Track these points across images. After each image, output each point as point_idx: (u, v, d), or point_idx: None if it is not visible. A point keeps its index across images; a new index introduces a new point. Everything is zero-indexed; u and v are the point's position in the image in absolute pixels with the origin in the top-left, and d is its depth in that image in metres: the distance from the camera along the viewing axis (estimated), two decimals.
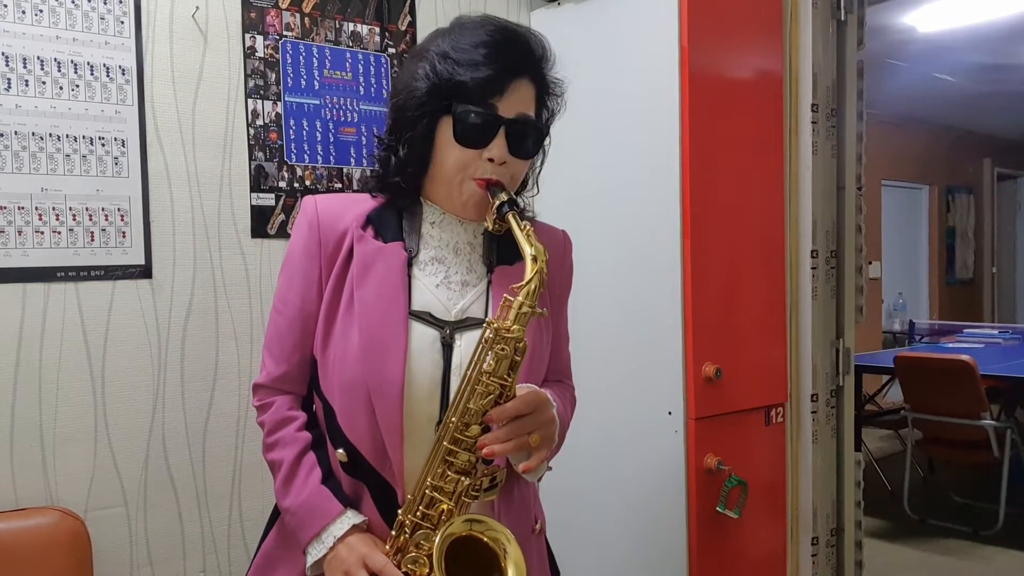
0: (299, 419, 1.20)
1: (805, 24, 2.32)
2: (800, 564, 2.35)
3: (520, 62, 1.17)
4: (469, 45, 1.14)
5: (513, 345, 1.07)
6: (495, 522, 1.10)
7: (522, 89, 1.17)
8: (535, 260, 1.08)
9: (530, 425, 1.10)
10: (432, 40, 1.20)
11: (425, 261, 1.21)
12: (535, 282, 1.08)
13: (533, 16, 2.44)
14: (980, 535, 4.17)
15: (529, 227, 1.11)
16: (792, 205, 2.32)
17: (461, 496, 1.08)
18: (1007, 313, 8.89)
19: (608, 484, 2.22)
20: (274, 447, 1.19)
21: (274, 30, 1.99)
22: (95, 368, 1.77)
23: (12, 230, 1.68)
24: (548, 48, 1.22)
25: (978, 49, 5.40)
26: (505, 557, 1.07)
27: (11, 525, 1.62)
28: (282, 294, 1.21)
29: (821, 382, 2.40)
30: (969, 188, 8.50)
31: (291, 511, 1.16)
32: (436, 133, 1.16)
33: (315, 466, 1.17)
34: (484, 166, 1.15)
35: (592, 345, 2.22)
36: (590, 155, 2.26)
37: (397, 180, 1.21)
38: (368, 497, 1.17)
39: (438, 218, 1.23)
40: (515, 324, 1.07)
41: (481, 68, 1.13)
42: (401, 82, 1.21)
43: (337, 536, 1.12)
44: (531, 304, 1.07)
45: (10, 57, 1.67)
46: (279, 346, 1.21)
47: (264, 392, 1.22)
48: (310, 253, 1.19)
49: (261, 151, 1.97)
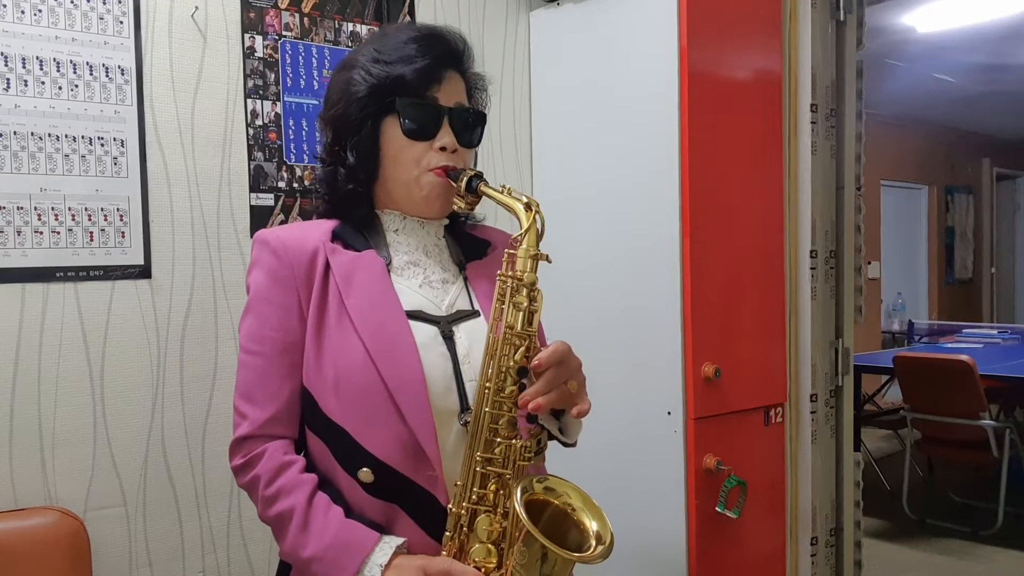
0: (298, 462, 1.11)
1: (804, 24, 2.32)
2: (799, 564, 2.35)
3: (448, 55, 1.19)
4: (398, 43, 1.16)
5: (528, 293, 1.07)
6: (562, 481, 1.07)
7: (455, 81, 1.19)
8: (528, 208, 1.10)
9: (565, 374, 1.08)
10: (357, 51, 1.22)
11: (400, 266, 1.19)
12: (534, 228, 1.09)
13: (532, 16, 2.44)
14: (979, 535, 4.18)
15: (508, 186, 1.14)
16: (791, 205, 2.32)
17: (515, 461, 1.05)
18: (1006, 313, 8.91)
19: (607, 484, 2.21)
20: (278, 498, 1.07)
21: (273, 30, 1.99)
22: (94, 368, 1.77)
23: (11, 230, 1.68)
24: (469, 44, 1.24)
25: (977, 49, 5.40)
26: (575, 512, 1.05)
27: (10, 525, 1.62)
28: (254, 334, 1.13)
29: (820, 382, 2.40)
30: (968, 188, 8.51)
31: (317, 558, 1.04)
32: (381, 134, 1.17)
33: (331, 505, 1.07)
34: (438, 156, 1.16)
35: (591, 345, 2.21)
36: (588, 155, 2.26)
37: (350, 188, 1.19)
38: (404, 516, 1.08)
39: (400, 224, 1.22)
40: (527, 272, 1.07)
41: (416, 60, 1.14)
42: (335, 93, 1.20)
43: (382, 564, 1.02)
44: (536, 249, 1.09)
45: (9, 57, 1.67)
46: (262, 389, 1.11)
47: (250, 444, 1.11)
48: (282, 281, 1.13)
49: (260, 151, 1.97)
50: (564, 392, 1.06)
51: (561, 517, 1.06)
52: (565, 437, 1.18)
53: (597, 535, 1.03)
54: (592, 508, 1.06)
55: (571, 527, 1.05)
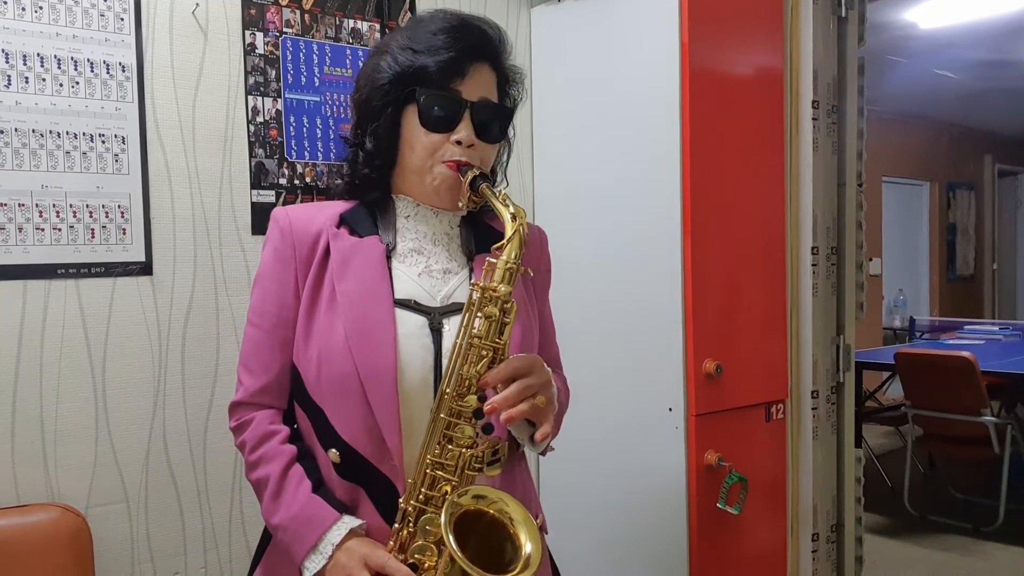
0: (282, 432, 1.17)
1: (806, 20, 2.32)
2: (800, 560, 2.36)
3: (478, 47, 1.18)
4: (428, 33, 1.16)
5: (500, 305, 1.06)
6: (497, 491, 1.06)
7: (483, 74, 1.18)
8: (514, 218, 1.09)
9: (534, 386, 1.07)
10: (391, 36, 1.23)
11: (404, 253, 1.20)
12: (516, 239, 1.08)
13: (534, 13, 2.43)
14: (980, 531, 4.18)
15: (504, 193, 1.13)
16: (793, 202, 2.32)
17: (464, 470, 1.05)
18: (1007, 309, 8.90)
19: (608, 480, 2.22)
20: (258, 464, 1.16)
21: (274, 27, 1.99)
22: (96, 365, 1.77)
23: (12, 227, 1.68)
24: (505, 36, 1.22)
25: (979, 45, 5.39)
26: (513, 524, 1.03)
27: (12, 521, 1.63)
28: (257, 307, 1.19)
29: (821, 378, 2.40)
30: (970, 184, 8.50)
31: (283, 526, 1.12)
32: (402, 122, 1.17)
33: (304, 477, 1.13)
34: (453, 149, 1.16)
35: (592, 341, 2.22)
36: (590, 151, 2.26)
37: (366, 173, 1.20)
38: (366, 499, 1.14)
39: (412, 211, 1.22)
40: (501, 284, 1.06)
41: (441, 52, 1.14)
42: (363, 78, 1.22)
43: (335, 543, 1.08)
44: (515, 262, 1.07)
45: (10, 54, 1.67)
46: (257, 359, 1.18)
47: (242, 410, 1.19)
48: (283, 259, 1.18)
49: (261, 148, 1.97)
50: (531, 404, 1.06)
51: (499, 528, 1.04)
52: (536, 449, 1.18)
53: (527, 559, 1.00)
54: (530, 528, 1.03)
55: (506, 540, 1.04)
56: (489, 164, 1.23)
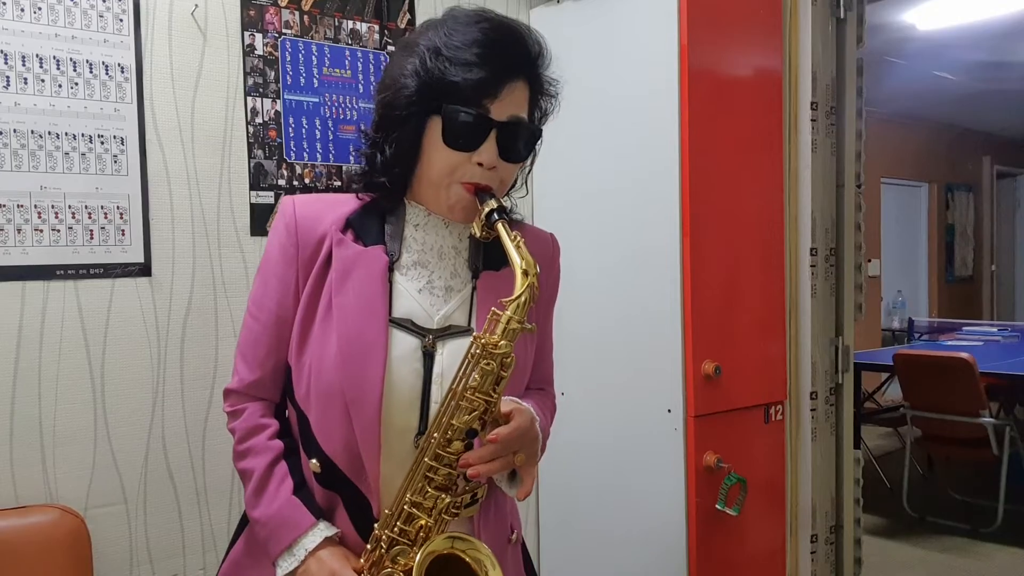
0: (271, 427, 1.17)
1: (804, 22, 2.32)
2: (799, 561, 2.36)
3: (516, 63, 1.11)
4: (463, 43, 1.08)
5: (500, 360, 1.04)
6: (479, 542, 1.08)
7: (516, 91, 1.12)
8: (526, 274, 1.04)
9: (516, 444, 1.06)
10: (423, 33, 1.14)
11: (407, 265, 1.16)
12: (525, 296, 1.04)
13: (533, 14, 2.43)
14: (979, 532, 4.18)
15: (519, 238, 1.07)
16: (791, 203, 2.32)
17: (441, 513, 1.06)
18: (1006, 311, 8.90)
19: (607, 481, 2.22)
20: (245, 456, 1.16)
21: (273, 28, 1.99)
22: (94, 366, 1.77)
23: (11, 228, 1.68)
24: (545, 46, 1.16)
25: (978, 47, 5.39)
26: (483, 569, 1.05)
27: (11, 523, 1.63)
28: (257, 297, 1.18)
29: (820, 380, 2.40)
30: (968, 186, 8.51)
31: (261, 522, 1.13)
32: (424, 133, 1.12)
33: (287, 476, 1.14)
34: (473, 170, 1.11)
35: (592, 343, 2.22)
36: (589, 154, 2.26)
37: (383, 180, 1.17)
38: (342, 509, 1.14)
39: (422, 220, 1.18)
40: (503, 339, 1.03)
41: (474, 69, 1.07)
42: (389, 76, 1.16)
43: (308, 549, 1.09)
44: (520, 319, 1.04)
45: (9, 55, 1.67)
46: (253, 352, 1.17)
47: (236, 398, 1.19)
48: (287, 257, 1.15)
49: (260, 149, 1.97)
50: (508, 463, 1.06)
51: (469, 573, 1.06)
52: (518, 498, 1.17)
53: None
54: None
55: None
56: (509, 183, 1.18)
